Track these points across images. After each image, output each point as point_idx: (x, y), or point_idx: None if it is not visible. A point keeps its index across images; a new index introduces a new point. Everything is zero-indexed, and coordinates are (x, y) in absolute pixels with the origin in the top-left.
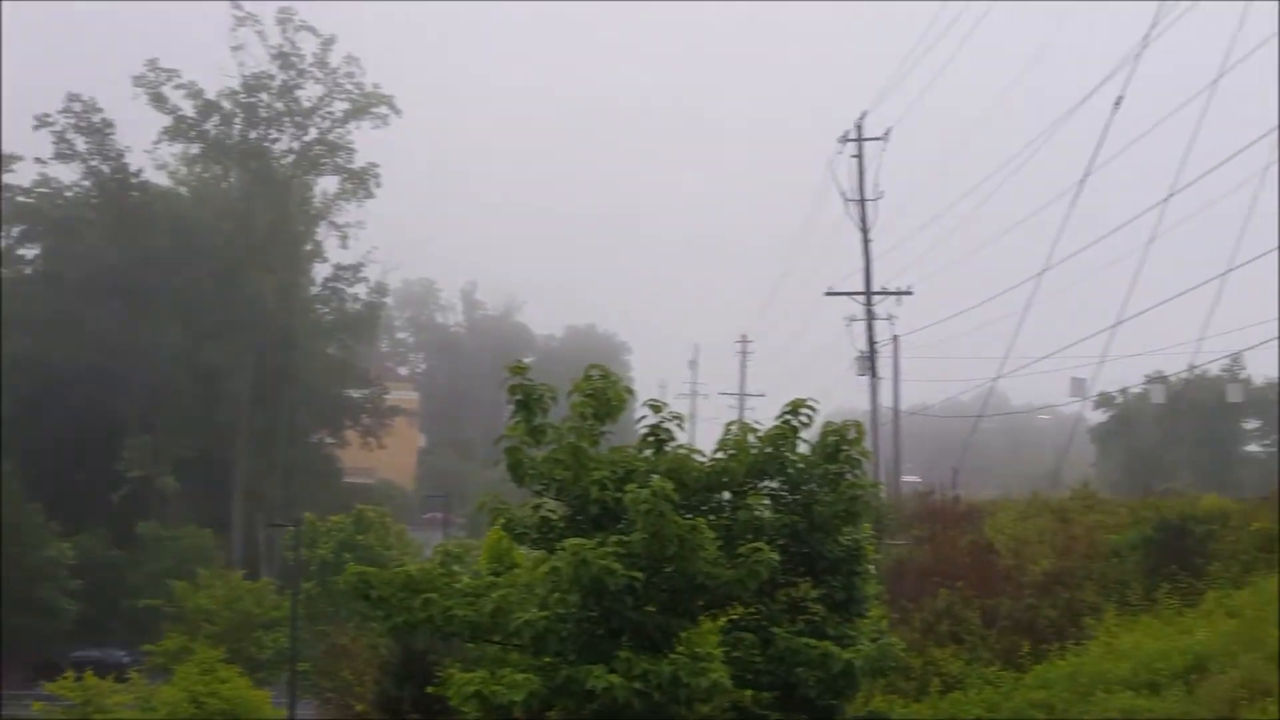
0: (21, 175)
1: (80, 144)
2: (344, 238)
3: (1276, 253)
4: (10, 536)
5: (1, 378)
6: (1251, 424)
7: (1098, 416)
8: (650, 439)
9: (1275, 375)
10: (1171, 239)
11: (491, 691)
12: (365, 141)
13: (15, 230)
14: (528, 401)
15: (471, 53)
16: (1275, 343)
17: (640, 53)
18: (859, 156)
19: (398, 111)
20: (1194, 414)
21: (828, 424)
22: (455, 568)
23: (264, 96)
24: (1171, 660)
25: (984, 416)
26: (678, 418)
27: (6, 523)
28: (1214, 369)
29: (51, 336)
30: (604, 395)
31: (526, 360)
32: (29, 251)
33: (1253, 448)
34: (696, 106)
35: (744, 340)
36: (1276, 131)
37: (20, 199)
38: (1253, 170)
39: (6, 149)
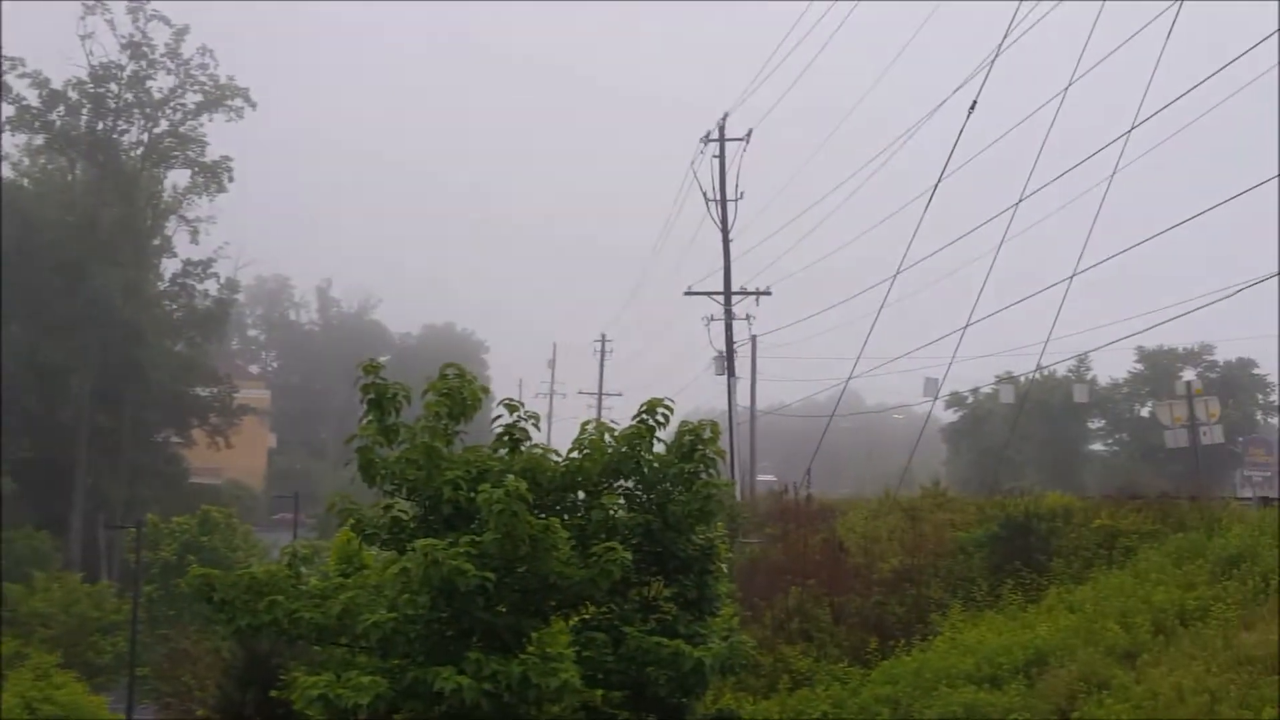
0: None
1: None
2: (194, 233)
3: (1122, 256)
4: None
5: None
6: (1096, 424)
7: (949, 416)
8: (505, 439)
9: (1118, 377)
10: (1023, 242)
11: (337, 695)
12: (218, 135)
13: None
14: (380, 400)
15: (328, 46)
16: (1118, 344)
17: (506, 48)
18: (720, 157)
19: (253, 104)
20: (1041, 414)
21: (684, 423)
22: (303, 569)
23: (113, 87)
24: (1013, 655)
25: (838, 416)
26: (533, 417)
27: None
28: (1061, 370)
29: None
30: (459, 394)
31: (381, 359)
32: None
33: (1096, 447)
34: (565, 102)
35: (603, 340)
36: (1126, 137)
37: None
38: (1104, 173)
39: None
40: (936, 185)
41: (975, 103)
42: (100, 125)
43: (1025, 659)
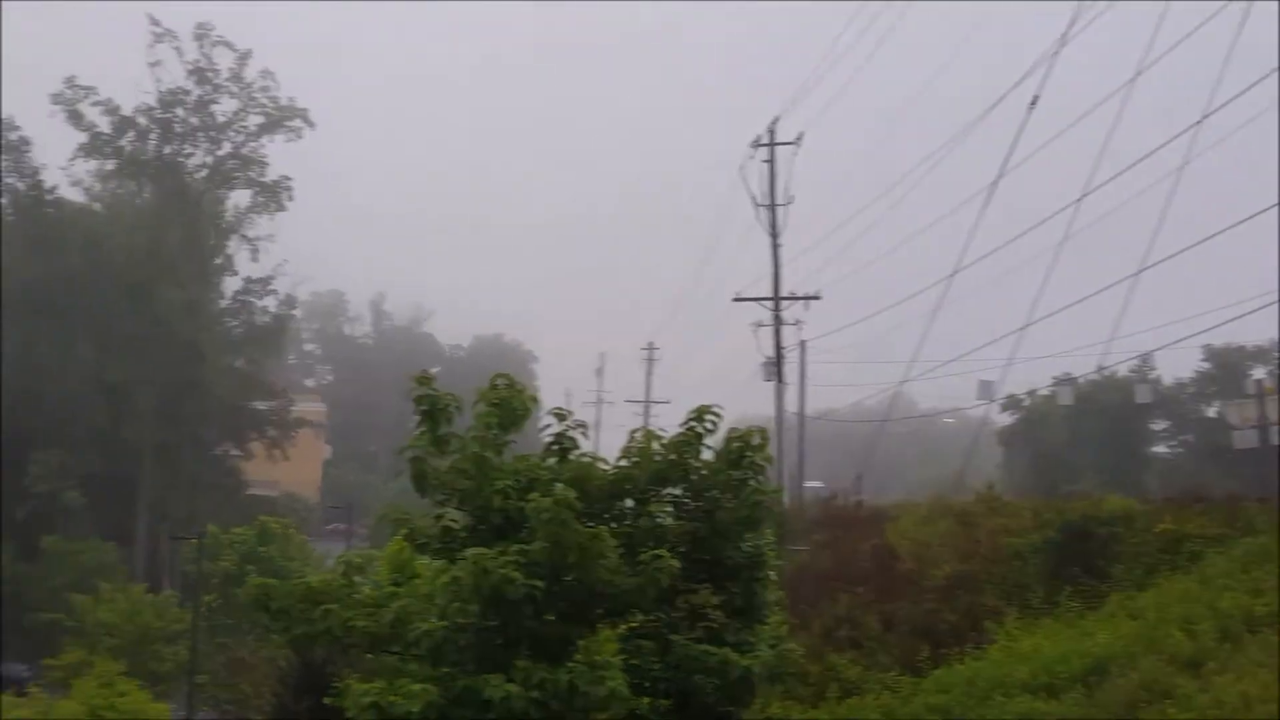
0: None
1: None
2: (255, 251)
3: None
4: None
5: None
6: (1159, 425)
7: (1004, 419)
8: (554, 447)
9: (1184, 376)
10: (1083, 241)
11: (389, 702)
12: (277, 154)
13: None
14: (433, 411)
15: (376, 57)
16: (1184, 342)
17: (544, 54)
18: (770, 161)
19: (311, 124)
20: (1101, 415)
21: (732, 430)
22: (356, 578)
23: (179, 112)
24: (1071, 663)
25: (889, 420)
26: (582, 426)
27: None
28: (1123, 370)
29: None
30: (509, 404)
31: (433, 370)
32: None
33: (1159, 449)
34: (606, 113)
35: (650, 347)
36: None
37: None
38: (1166, 171)
39: None
40: (995, 182)
41: (1036, 98)
42: (167, 149)
43: (1084, 667)
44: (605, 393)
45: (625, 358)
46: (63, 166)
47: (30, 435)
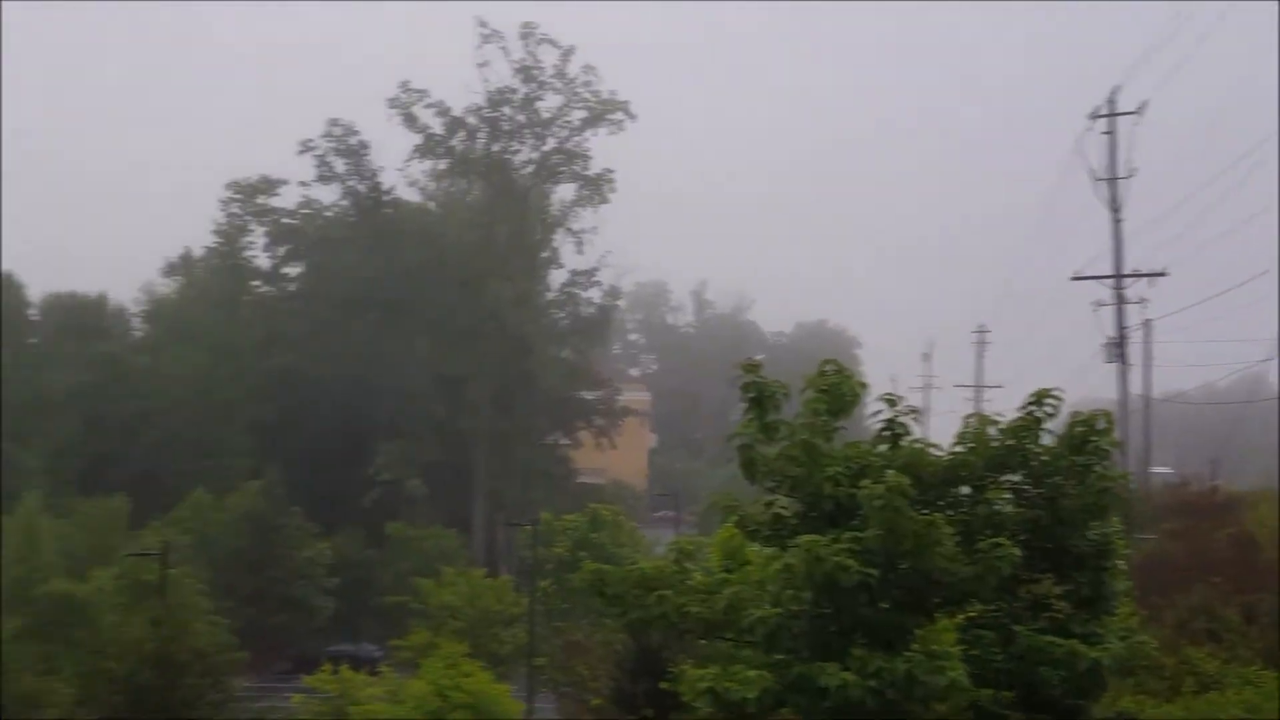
0: (286, 198)
1: (339, 166)
2: (579, 244)
3: None
4: (274, 538)
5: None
6: None
7: None
8: (885, 433)
9: None
10: None
11: (725, 688)
12: (599, 147)
13: (281, 250)
14: (760, 398)
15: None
16: None
17: (861, 44)
18: (1110, 133)
19: (632, 116)
20: None
21: (1074, 414)
22: (688, 565)
23: (506, 110)
24: None
25: (1248, 403)
26: (913, 411)
27: (271, 525)
28: None
29: (311, 350)
30: (838, 390)
31: (757, 358)
32: (293, 270)
33: None
34: (930, 98)
35: (981, 330)
36: None
37: (285, 220)
38: None
39: (274, 174)
40: None
41: None
42: (495, 147)
43: None
44: (933, 378)
45: (953, 342)
46: (399, 168)
47: (374, 426)
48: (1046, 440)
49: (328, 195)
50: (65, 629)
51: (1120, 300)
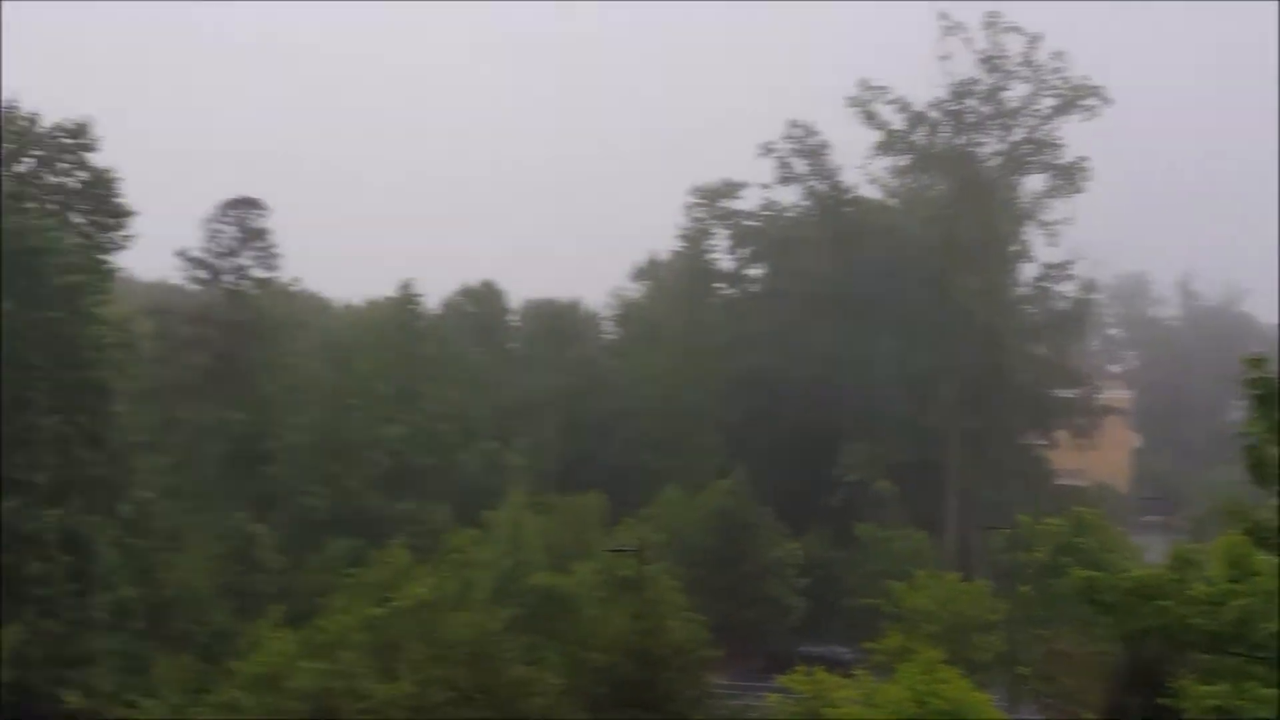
0: (748, 200)
1: (800, 166)
2: (1052, 235)
3: None
4: (744, 536)
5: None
6: None
7: None
8: None
9: None
10: None
11: (1235, 706)
12: (1070, 135)
13: (744, 252)
14: (1268, 396)
15: None
16: None
17: None
18: None
19: (1108, 101)
20: None
21: None
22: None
23: (970, 102)
24: None
25: None
26: None
27: (741, 523)
28: None
29: (776, 350)
30: None
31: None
32: (755, 271)
33: None
34: None
35: None
36: None
37: (747, 222)
38: None
39: (736, 178)
40: None
41: None
42: (959, 140)
43: None
44: None
45: None
46: (859, 166)
47: (840, 426)
48: None
49: (789, 196)
50: (549, 621)
51: None
